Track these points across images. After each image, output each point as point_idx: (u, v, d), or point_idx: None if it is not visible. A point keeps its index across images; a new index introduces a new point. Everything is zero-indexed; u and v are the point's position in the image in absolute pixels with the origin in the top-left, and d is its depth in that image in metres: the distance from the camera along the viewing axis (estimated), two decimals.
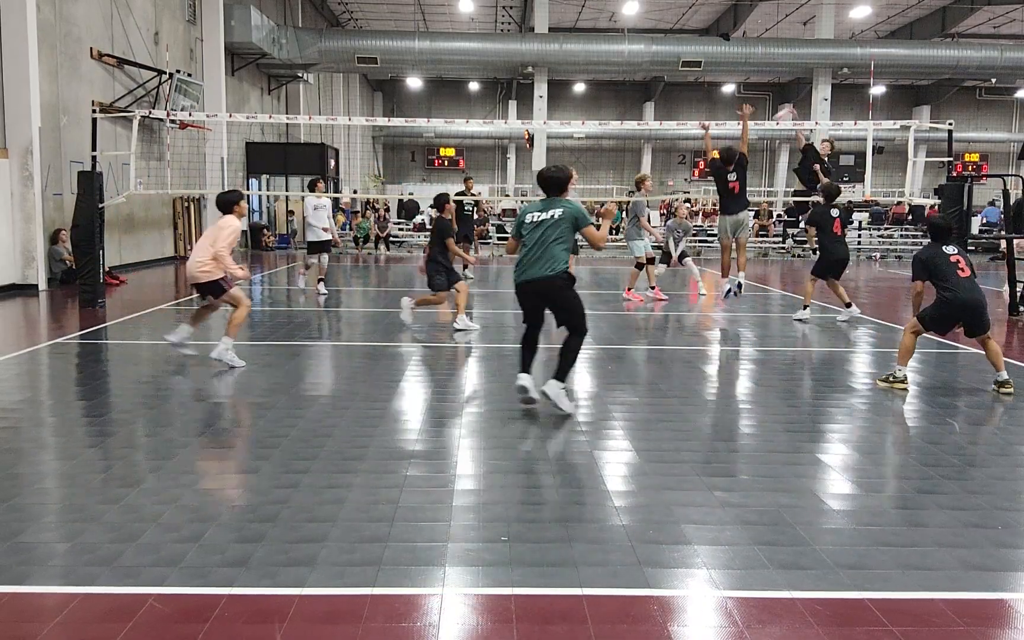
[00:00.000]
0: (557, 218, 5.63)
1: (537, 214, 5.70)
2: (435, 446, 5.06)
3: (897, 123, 13.58)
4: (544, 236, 5.62)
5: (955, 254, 6.73)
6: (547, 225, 5.62)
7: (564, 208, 5.66)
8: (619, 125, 19.24)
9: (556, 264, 5.60)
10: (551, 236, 5.62)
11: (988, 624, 3.04)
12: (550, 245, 5.60)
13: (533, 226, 5.68)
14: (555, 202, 5.74)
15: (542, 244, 5.61)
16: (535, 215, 5.71)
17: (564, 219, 5.64)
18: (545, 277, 5.59)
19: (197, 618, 2.96)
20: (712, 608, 3.12)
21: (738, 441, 5.38)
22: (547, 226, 5.62)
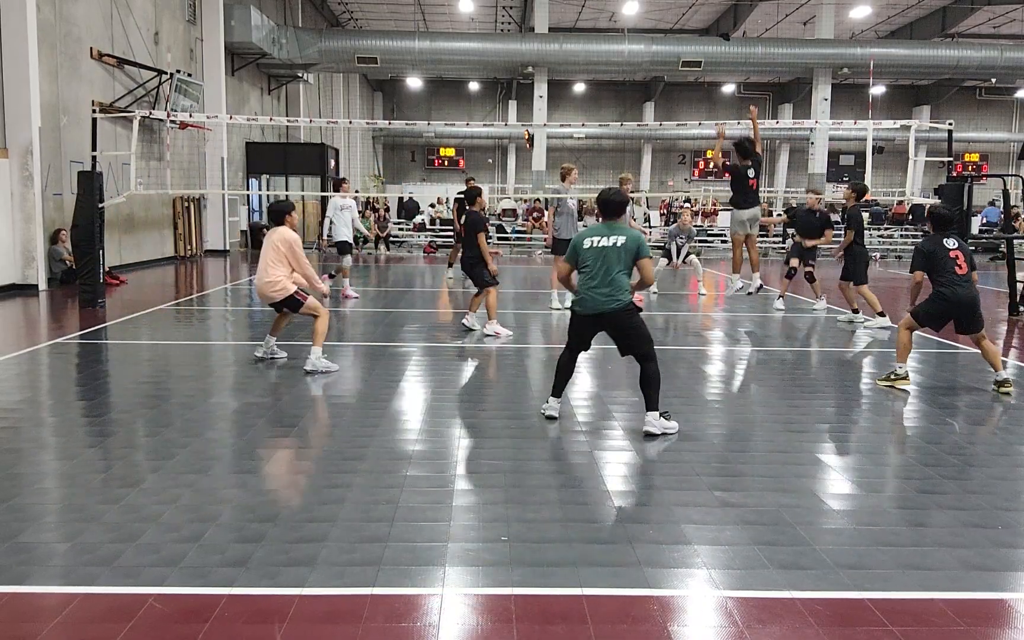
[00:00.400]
0: (620, 246, 5.33)
1: (597, 239, 5.38)
2: (435, 446, 5.06)
3: (897, 123, 13.58)
4: (608, 264, 5.32)
5: (955, 249, 6.75)
6: (610, 252, 5.32)
7: (627, 236, 5.38)
8: (619, 125, 19.28)
9: (623, 294, 5.34)
10: (616, 265, 5.33)
11: (988, 624, 3.04)
12: (615, 274, 5.32)
13: (595, 252, 5.36)
14: (616, 227, 5.44)
15: (607, 273, 5.31)
16: (595, 240, 5.38)
17: (628, 248, 5.35)
18: (613, 310, 5.32)
19: (197, 618, 2.96)
20: (712, 608, 3.12)
21: (738, 441, 5.38)
22: (610, 253, 5.32)
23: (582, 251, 5.45)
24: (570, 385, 7.04)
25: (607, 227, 5.48)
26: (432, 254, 22.69)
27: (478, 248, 9.00)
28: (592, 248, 5.39)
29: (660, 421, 5.33)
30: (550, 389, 5.79)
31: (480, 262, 9.02)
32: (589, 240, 5.44)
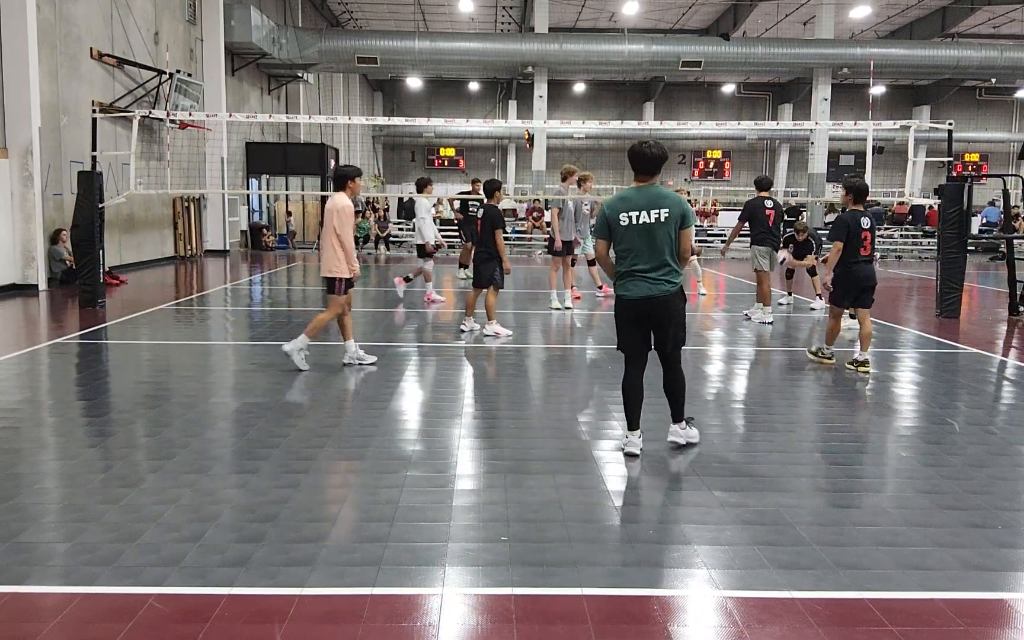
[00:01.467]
0: (665, 218, 4.65)
1: (636, 214, 4.68)
2: (435, 446, 5.06)
3: (897, 123, 13.57)
4: (655, 242, 4.67)
5: (866, 230, 7.31)
6: (655, 229, 4.65)
7: (670, 204, 4.68)
8: (619, 125, 19.17)
9: (674, 275, 4.72)
10: (664, 242, 4.68)
11: (988, 624, 3.04)
12: (664, 252, 4.68)
13: (636, 231, 4.69)
14: (657, 195, 4.70)
15: (654, 252, 4.68)
16: (634, 215, 4.68)
17: (672, 218, 4.67)
18: (664, 293, 4.69)
19: (197, 618, 2.96)
20: (712, 608, 3.12)
21: (738, 441, 5.38)
22: (656, 230, 4.66)
23: (618, 228, 4.74)
24: (570, 385, 7.04)
25: (643, 194, 4.73)
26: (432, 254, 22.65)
27: (493, 245, 8.86)
28: (632, 226, 4.69)
29: (686, 430, 4.99)
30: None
31: (492, 259, 8.87)
32: (626, 216, 4.71)
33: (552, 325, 10.10)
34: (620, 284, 4.81)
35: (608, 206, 4.83)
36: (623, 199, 4.77)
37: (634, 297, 4.75)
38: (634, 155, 4.79)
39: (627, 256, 4.76)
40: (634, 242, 4.70)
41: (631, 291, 4.75)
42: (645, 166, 4.75)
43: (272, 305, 12.57)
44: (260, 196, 25.07)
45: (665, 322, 4.76)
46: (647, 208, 4.68)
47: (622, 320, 4.85)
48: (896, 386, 7.01)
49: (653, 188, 4.75)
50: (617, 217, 4.74)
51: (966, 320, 10.80)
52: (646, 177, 4.77)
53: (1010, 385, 7.38)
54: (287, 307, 12.28)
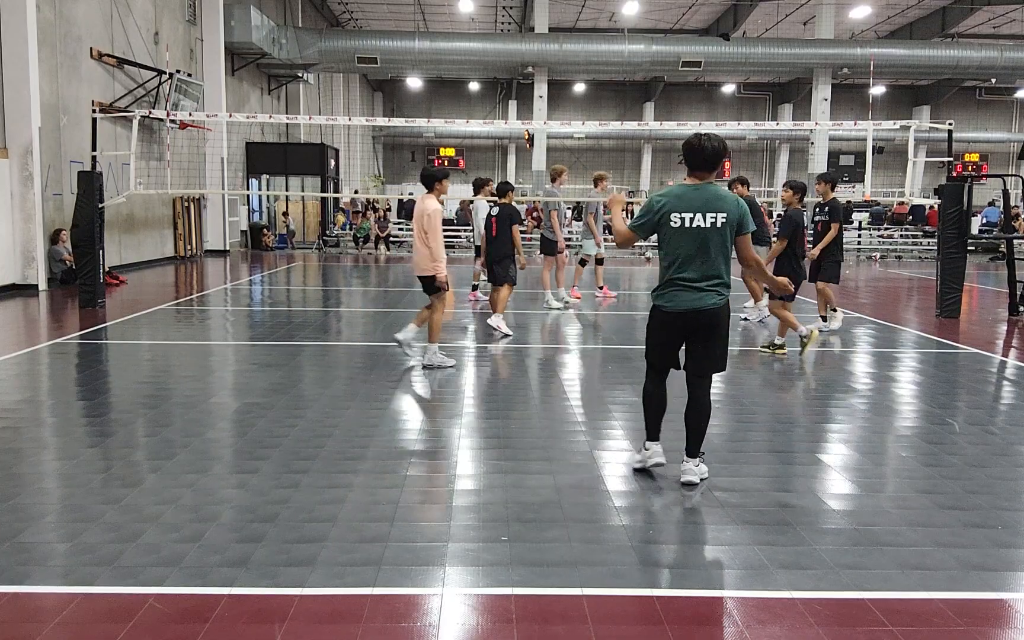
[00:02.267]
0: (723, 225, 4.18)
1: (690, 217, 4.18)
2: (435, 446, 5.06)
3: (897, 123, 13.56)
4: (707, 249, 4.19)
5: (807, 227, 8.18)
6: (710, 235, 4.19)
7: (727, 208, 4.19)
8: (619, 125, 19.20)
9: (724, 288, 4.26)
10: (717, 249, 4.20)
11: (988, 624, 3.04)
12: (716, 261, 4.21)
13: (687, 235, 4.19)
14: (715, 196, 4.22)
15: (705, 260, 4.19)
16: (687, 217, 4.19)
17: (730, 224, 4.20)
18: (711, 306, 4.21)
19: (197, 618, 2.96)
20: (712, 608, 3.12)
21: (737, 441, 5.37)
22: (710, 236, 4.19)
23: (667, 229, 4.24)
24: (571, 386, 7.04)
25: (700, 194, 4.23)
26: None
27: (510, 243, 9.08)
28: (684, 229, 4.19)
29: (699, 466, 4.42)
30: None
31: (508, 257, 9.09)
32: (679, 217, 4.20)
33: (552, 325, 10.09)
34: (660, 293, 4.33)
35: (658, 202, 4.28)
36: (678, 197, 4.23)
37: (677, 309, 4.24)
38: (690, 149, 4.27)
39: (673, 262, 4.25)
40: (684, 247, 4.20)
41: (673, 302, 4.25)
42: (703, 162, 4.25)
43: (272, 305, 12.57)
44: (260, 196, 25.07)
45: (707, 339, 4.28)
46: (703, 210, 4.19)
47: (657, 331, 4.41)
48: (896, 386, 7.01)
49: (711, 188, 4.24)
50: (669, 217, 4.22)
51: (966, 320, 10.80)
52: (703, 174, 4.28)
53: (1010, 385, 7.39)
54: (287, 307, 12.28)
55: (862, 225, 26.96)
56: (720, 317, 4.25)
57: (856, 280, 17.02)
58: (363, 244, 23.58)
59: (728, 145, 4.31)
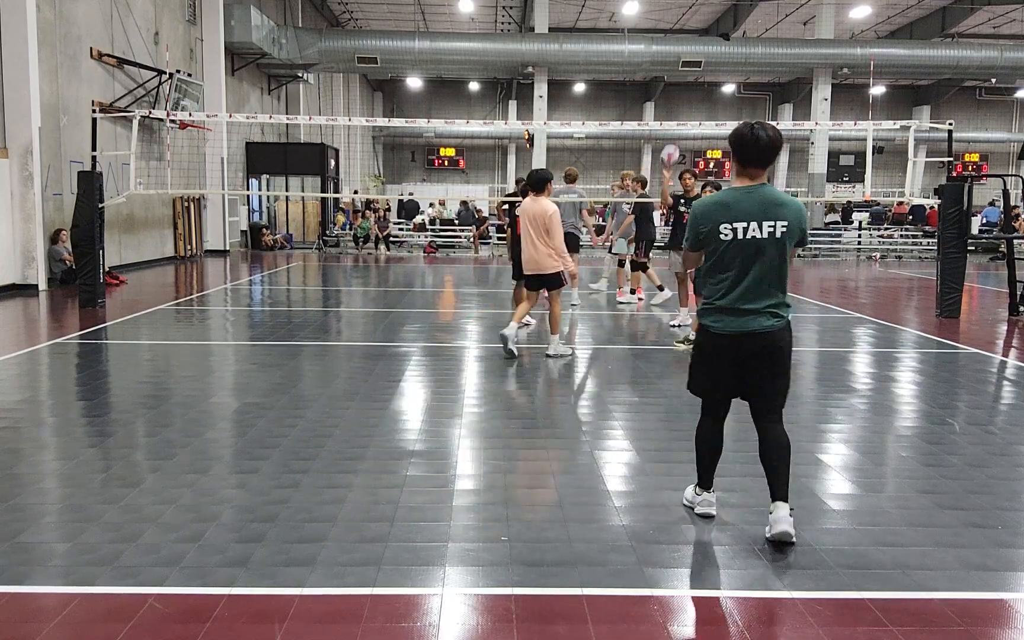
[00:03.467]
0: (783, 233, 3.52)
1: (744, 225, 3.53)
2: (435, 446, 5.06)
3: (897, 123, 13.57)
4: (764, 262, 3.55)
5: None
6: (767, 246, 3.53)
7: (790, 215, 3.54)
8: (619, 125, 19.19)
9: (783, 307, 3.63)
10: (775, 263, 3.56)
11: (988, 624, 3.04)
12: (772, 279, 3.58)
13: (742, 245, 3.55)
14: (774, 200, 3.56)
15: (760, 276, 3.56)
16: (743, 227, 3.53)
17: (790, 234, 3.55)
18: (768, 328, 3.60)
19: (197, 618, 2.96)
20: (712, 608, 3.12)
21: (738, 441, 5.37)
22: (767, 248, 3.53)
23: (715, 242, 3.59)
24: (570, 386, 7.04)
25: (754, 198, 3.55)
26: (432, 254, 22.69)
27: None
28: (736, 241, 3.55)
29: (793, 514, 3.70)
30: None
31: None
32: (730, 227, 3.55)
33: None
34: (705, 314, 3.72)
35: (703, 213, 3.63)
36: (725, 205, 3.57)
37: (727, 331, 3.63)
38: (741, 142, 3.54)
39: (723, 280, 3.61)
40: (735, 262, 3.56)
41: (723, 323, 3.63)
42: (756, 156, 3.53)
43: (272, 305, 12.57)
44: (260, 196, 25.07)
45: (765, 367, 3.65)
46: (760, 218, 3.51)
47: (705, 358, 3.78)
48: (896, 386, 7.01)
49: (767, 190, 3.57)
50: (717, 229, 3.57)
51: (966, 320, 10.80)
52: (756, 172, 3.58)
53: (1010, 385, 7.39)
54: (287, 307, 12.28)
55: (862, 225, 26.94)
56: (780, 342, 3.64)
57: (856, 280, 17.02)
58: (363, 244, 23.58)
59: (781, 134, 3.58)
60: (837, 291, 15.06)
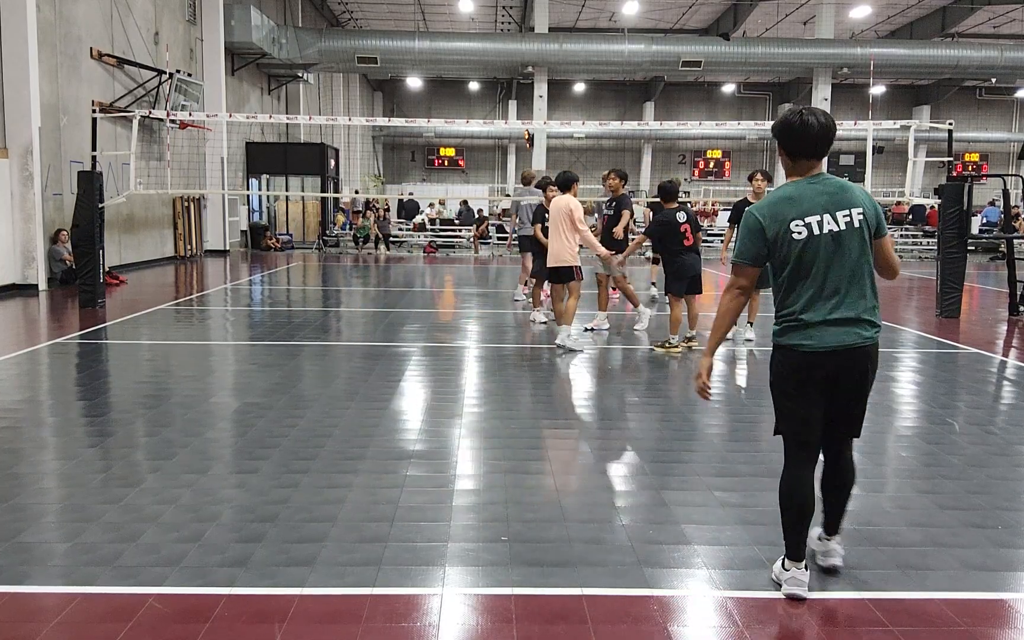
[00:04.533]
0: (860, 222, 3.06)
1: (818, 220, 3.05)
2: (435, 446, 5.06)
3: (897, 123, 13.57)
4: (849, 259, 3.06)
5: (684, 222, 8.08)
6: (847, 239, 3.06)
7: (863, 201, 3.09)
8: (619, 125, 19.22)
9: (876, 312, 3.13)
10: (860, 257, 3.08)
11: (988, 624, 3.04)
12: (863, 275, 3.09)
13: (820, 242, 3.04)
14: (840, 188, 3.11)
15: (848, 277, 3.06)
16: (816, 221, 3.05)
17: (868, 221, 3.09)
18: (864, 342, 3.07)
19: (197, 618, 2.96)
20: (712, 608, 3.12)
21: (738, 441, 5.37)
22: (847, 240, 3.06)
23: (786, 245, 3.07)
24: (570, 386, 7.04)
25: (818, 189, 3.10)
26: (432, 254, 22.69)
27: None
28: (812, 239, 3.05)
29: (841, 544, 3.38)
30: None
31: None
32: (801, 224, 3.06)
33: (552, 325, 10.08)
34: (788, 333, 3.13)
35: (768, 211, 3.12)
36: (790, 199, 3.09)
37: (822, 347, 3.05)
38: (789, 131, 3.11)
39: (802, 288, 3.09)
40: (816, 264, 3.06)
41: (815, 339, 3.06)
42: (811, 145, 3.09)
43: (272, 305, 12.57)
44: (260, 196, 25.06)
45: (857, 386, 3.14)
46: (831, 209, 3.06)
47: (792, 387, 3.15)
48: (896, 386, 7.01)
49: (832, 180, 3.13)
50: (788, 227, 3.06)
51: (966, 320, 10.80)
52: (813, 163, 3.13)
53: (1010, 385, 7.39)
54: (287, 307, 12.27)
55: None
56: (876, 353, 3.13)
57: None
58: (363, 244, 23.58)
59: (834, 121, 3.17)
60: None
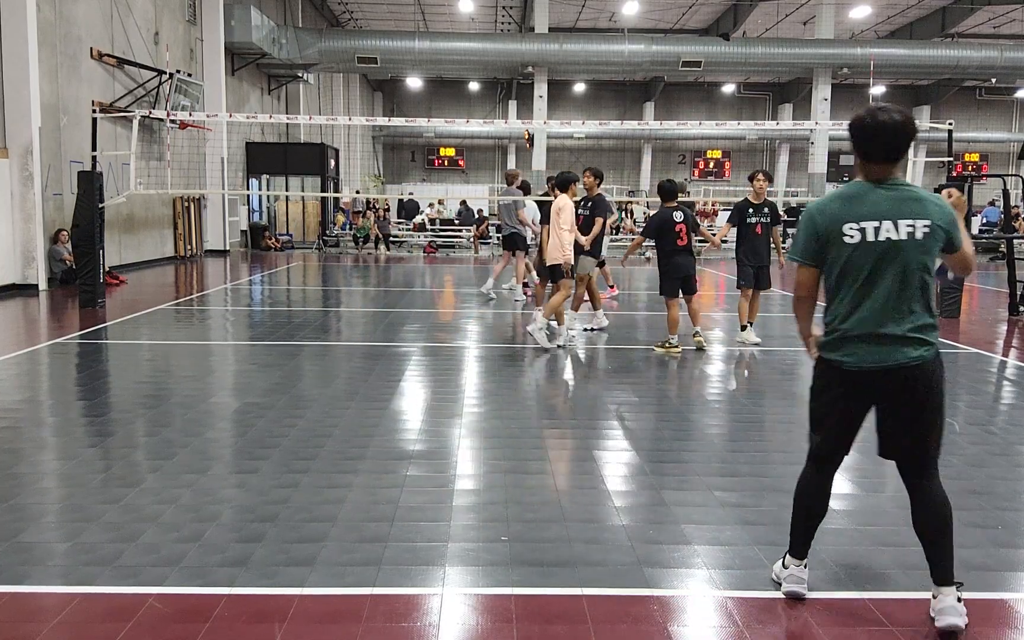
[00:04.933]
0: (925, 235, 2.83)
1: (876, 226, 2.85)
2: (435, 446, 5.06)
3: None
4: (905, 272, 2.85)
5: (680, 222, 8.00)
6: (908, 250, 2.84)
7: (932, 212, 2.86)
8: (619, 125, 19.24)
9: (931, 331, 2.92)
10: (918, 272, 2.86)
11: (988, 624, 3.04)
12: (915, 292, 2.87)
13: (874, 249, 2.86)
14: (910, 196, 2.87)
15: (899, 291, 2.86)
16: (873, 227, 2.85)
17: (935, 236, 2.85)
18: (915, 361, 2.89)
19: (197, 618, 2.96)
20: (712, 608, 3.12)
21: (738, 441, 5.37)
22: (908, 251, 2.85)
23: (839, 246, 2.91)
24: (570, 386, 7.04)
25: (885, 194, 2.88)
26: (432, 254, 22.69)
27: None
28: (865, 245, 2.87)
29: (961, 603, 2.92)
30: None
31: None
32: (855, 228, 2.88)
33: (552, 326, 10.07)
34: (830, 346, 3.01)
35: (822, 210, 2.98)
36: (849, 199, 2.92)
37: (865, 366, 2.91)
38: (861, 130, 2.88)
39: (847, 295, 2.93)
40: (866, 273, 2.88)
41: (857, 355, 2.92)
42: (883, 145, 2.85)
43: (272, 305, 12.57)
44: (260, 196, 25.06)
45: (912, 407, 2.95)
46: (894, 217, 2.84)
47: (829, 397, 3.08)
48: None
49: (902, 186, 2.89)
50: (840, 229, 2.89)
51: (966, 320, 10.80)
52: (886, 167, 2.89)
53: (1010, 385, 7.39)
54: (287, 307, 12.27)
55: None
56: (932, 376, 2.94)
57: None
58: (363, 244, 23.57)
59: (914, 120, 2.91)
60: None
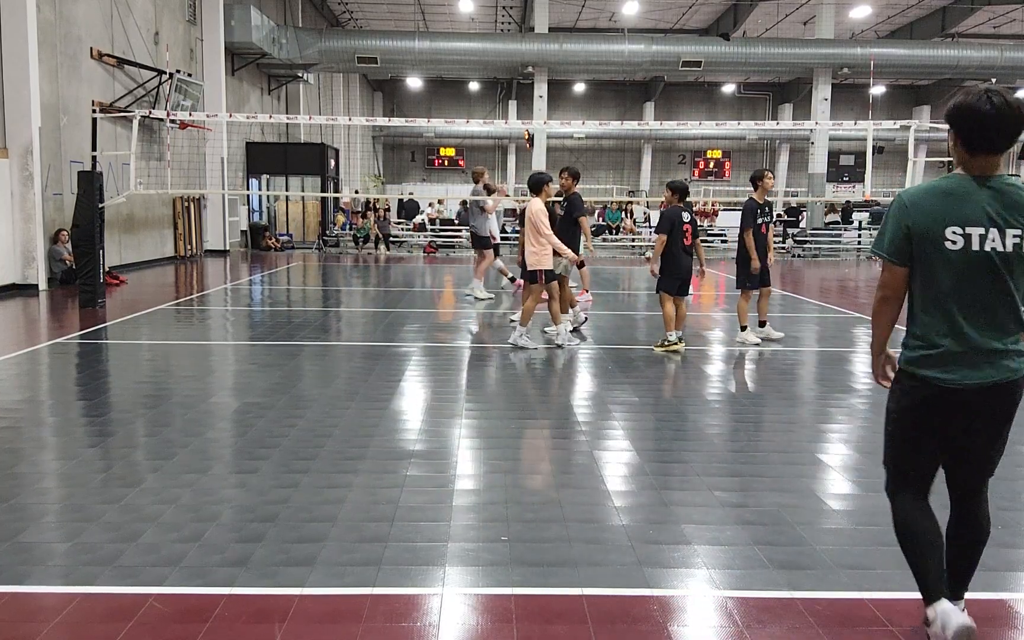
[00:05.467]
0: None
1: (981, 232, 2.53)
2: (435, 446, 5.06)
3: (897, 123, 13.57)
4: (1006, 285, 2.56)
5: (687, 223, 8.09)
6: (1013, 263, 2.54)
7: None
8: (619, 125, 19.19)
9: (1019, 342, 2.64)
10: (1016, 283, 2.57)
11: (988, 624, 3.04)
12: (1014, 301, 2.59)
13: (976, 259, 2.55)
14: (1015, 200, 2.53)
15: (997, 305, 2.59)
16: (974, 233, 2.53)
17: None
18: (1008, 379, 2.62)
19: (197, 618, 2.96)
20: (712, 608, 3.12)
21: (738, 441, 5.37)
22: (1015, 263, 2.54)
23: (936, 251, 2.59)
24: (570, 386, 7.04)
25: (988, 193, 2.54)
26: (432, 254, 22.68)
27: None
28: (967, 253, 2.55)
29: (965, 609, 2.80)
30: None
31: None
32: (959, 232, 2.54)
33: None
34: (923, 363, 2.68)
35: (916, 204, 2.63)
36: (948, 195, 2.58)
37: (965, 384, 2.61)
38: (969, 115, 2.53)
39: (946, 306, 2.61)
40: (968, 282, 2.57)
41: (956, 373, 2.62)
42: (994, 136, 2.51)
43: (272, 305, 12.57)
44: (260, 196, 25.06)
45: (1000, 423, 2.70)
46: (1001, 223, 2.52)
47: (910, 418, 2.75)
48: None
49: (1008, 185, 2.55)
50: (942, 233, 2.56)
51: None
52: (989, 160, 2.56)
53: None
54: (287, 307, 12.27)
55: (862, 225, 26.92)
56: (1018, 394, 2.67)
57: (856, 280, 17.01)
58: (363, 244, 23.57)
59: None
60: (837, 291, 15.06)
